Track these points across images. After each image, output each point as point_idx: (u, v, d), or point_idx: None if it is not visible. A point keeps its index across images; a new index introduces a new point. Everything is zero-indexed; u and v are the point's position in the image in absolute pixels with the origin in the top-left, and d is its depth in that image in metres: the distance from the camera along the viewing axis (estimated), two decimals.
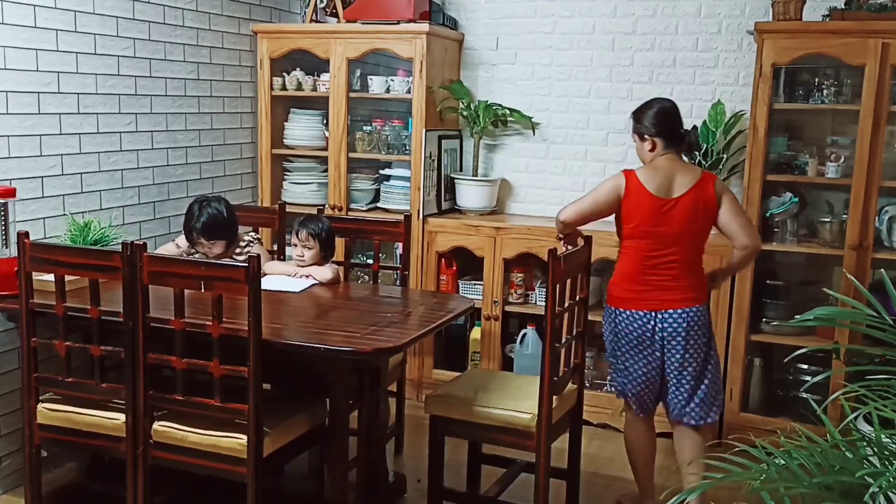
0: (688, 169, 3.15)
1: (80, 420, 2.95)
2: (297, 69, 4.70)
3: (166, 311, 2.73)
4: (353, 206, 4.65)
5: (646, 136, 3.15)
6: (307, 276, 3.50)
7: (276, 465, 2.88)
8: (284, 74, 4.69)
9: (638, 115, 3.20)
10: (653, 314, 3.10)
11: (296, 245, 3.52)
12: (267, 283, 3.18)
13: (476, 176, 4.66)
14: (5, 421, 3.40)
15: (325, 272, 3.50)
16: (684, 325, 3.08)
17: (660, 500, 3.36)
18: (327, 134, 4.65)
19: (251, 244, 3.66)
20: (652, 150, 3.15)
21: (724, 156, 4.13)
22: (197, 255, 3.53)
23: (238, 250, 3.61)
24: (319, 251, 3.53)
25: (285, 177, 4.84)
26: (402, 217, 3.84)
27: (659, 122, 3.14)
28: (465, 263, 4.60)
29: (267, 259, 3.65)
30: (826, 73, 3.98)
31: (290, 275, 3.52)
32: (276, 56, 4.65)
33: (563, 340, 3.09)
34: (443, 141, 4.62)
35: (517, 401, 3.08)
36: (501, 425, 3.04)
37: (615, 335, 3.21)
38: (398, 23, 4.38)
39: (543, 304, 3.16)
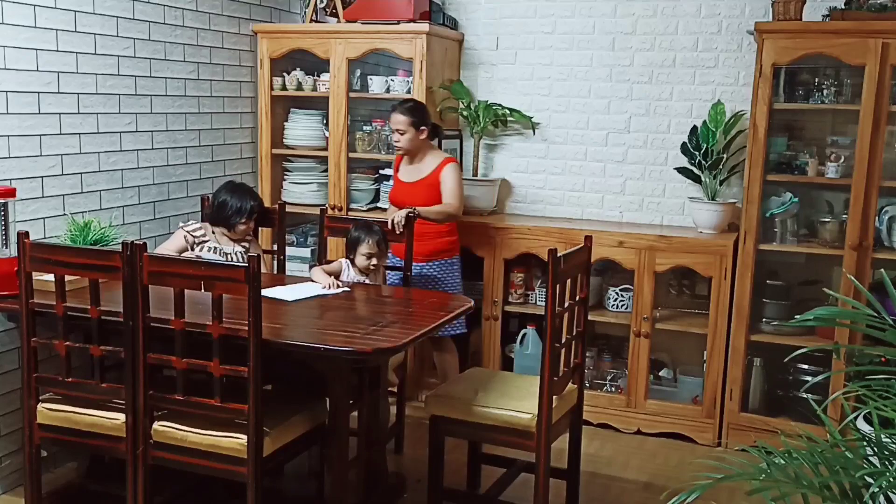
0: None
1: (80, 420, 2.95)
2: (297, 69, 4.70)
3: (166, 311, 2.73)
4: (353, 206, 4.65)
5: (422, 128, 3.99)
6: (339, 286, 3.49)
7: (276, 465, 2.88)
8: (284, 74, 4.69)
9: (421, 112, 4.00)
10: None
11: (364, 255, 3.65)
12: (302, 292, 3.31)
13: (476, 176, 4.66)
14: (5, 421, 3.40)
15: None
16: None
17: (660, 500, 3.36)
18: (327, 134, 4.65)
19: (252, 241, 3.83)
20: (426, 137, 4.04)
21: (724, 156, 4.13)
22: (209, 243, 3.70)
23: (246, 244, 3.76)
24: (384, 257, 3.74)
25: (285, 177, 4.84)
26: None
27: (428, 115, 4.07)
28: (466, 263, 4.59)
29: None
30: (826, 73, 3.98)
31: (325, 286, 3.45)
32: (276, 56, 4.65)
33: (563, 340, 3.09)
34: (443, 141, 4.61)
35: (517, 401, 3.08)
36: (501, 425, 3.04)
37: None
38: (398, 23, 4.38)
39: (543, 304, 3.16)
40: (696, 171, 4.20)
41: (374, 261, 3.66)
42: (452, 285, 4.11)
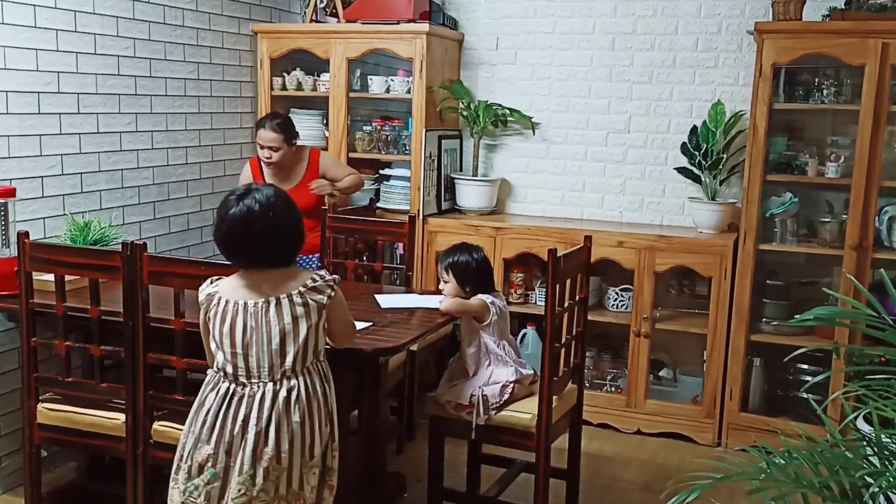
0: None
1: (80, 420, 2.95)
2: (297, 69, 4.70)
3: (166, 311, 2.73)
4: (353, 205, 4.65)
5: (294, 141, 4.03)
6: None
7: None
8: (284, 74, 4.69)
9: (291, 126, 4.05)
10: None
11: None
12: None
13: (476, 176, 4.66)
14: (5, 421, 3.40)
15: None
16: None
17: (660, 500, 3.36)
18: (327, 134, 4.65)
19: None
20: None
21: (724, 156, 4.13)
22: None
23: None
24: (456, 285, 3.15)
25: None
26: (406, 218, 3.84)
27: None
28: None
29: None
30: (826, 73, 3.98)
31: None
32: (276, 56, 4.65)
33: (563, 340, 3.09)
34: (443, 141, 4.62)
35: (517, 401, 3.08)
36: (501, 425, 3.04)
37: None
38: (398, 23, 4.38)
39: (543, 304, 3.16)
40: (696, 171, 4.21)
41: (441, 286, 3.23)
42: None
